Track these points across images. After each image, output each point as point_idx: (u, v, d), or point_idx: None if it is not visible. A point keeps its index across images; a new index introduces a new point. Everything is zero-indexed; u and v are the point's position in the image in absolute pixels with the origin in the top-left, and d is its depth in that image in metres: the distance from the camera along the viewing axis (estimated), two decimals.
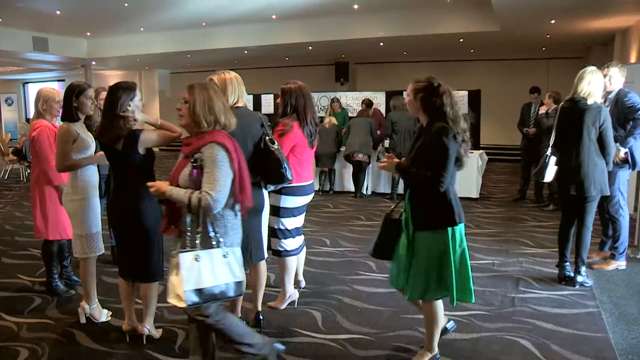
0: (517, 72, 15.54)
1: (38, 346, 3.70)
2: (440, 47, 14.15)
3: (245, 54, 14.84)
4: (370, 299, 4.49)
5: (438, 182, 2.98)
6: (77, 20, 12.62)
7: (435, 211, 3.10)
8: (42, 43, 14.05)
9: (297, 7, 11.24)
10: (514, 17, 9.79)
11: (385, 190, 9.54)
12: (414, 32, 11.91)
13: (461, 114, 3.15)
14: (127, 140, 3.32)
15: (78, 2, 10.78)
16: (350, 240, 6.47)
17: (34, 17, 12.00)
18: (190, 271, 2.70)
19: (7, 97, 23.26)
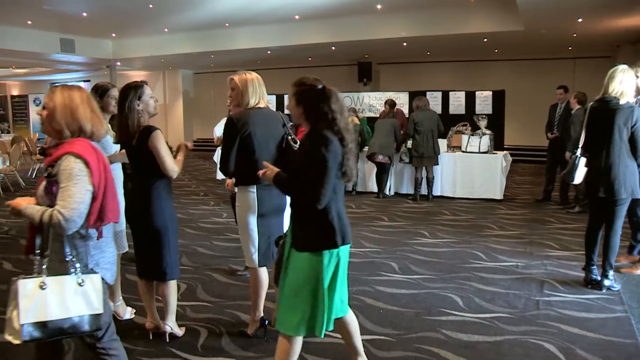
0: (542, 72, 15.32)
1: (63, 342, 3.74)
2: (463, 47, 14.03)
3: (268, 54, 14.88)
4: (392, 300, 4.47)
5: (315, 198, 2.63)
6: (103, 21, 12.80)
7: (313, 230, 2.73)
8: (69, 44, 14.27)
9: (320, 7, 11.24)
10: (539, 16, 9.65)
11: (409, 191, 9.49)
12: (437, 32, 11.82)
13: (349, 123, 2.82)
14: (141, 135, 3.35)
15: (104, 4, 10.92)
16: (372, 240, 6.44)
17: (61, 19, 12.20)
18: (31, 301, 2.25)
19: (35, 97, 23.65)
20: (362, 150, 9.49)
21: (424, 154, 8.72)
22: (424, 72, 16.67)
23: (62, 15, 11.74)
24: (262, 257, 3.60)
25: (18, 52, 13.91)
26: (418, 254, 5.86)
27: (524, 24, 10.51)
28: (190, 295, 4.62)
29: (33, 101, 23.55)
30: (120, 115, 3.39)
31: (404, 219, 7.62)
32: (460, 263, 5.49)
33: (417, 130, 8.72)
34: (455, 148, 9.34)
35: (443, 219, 7.60)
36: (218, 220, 7.50)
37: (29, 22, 12.57)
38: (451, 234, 6.71)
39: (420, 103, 9.01)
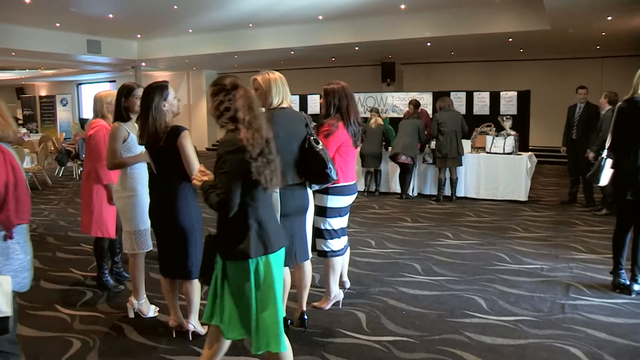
0: (569, 72, 15.08)
1: (89, 338, 3.82)
2: (488, 47, 13.89)
3: (291, 54, 14.91)
4: (415, 301, 4.45)
5: (221, 206, 2.53)
6: (129, 23, 12.96)
7: (231, 238, 2.63)
8: (95, 46, 14.49)
9: (343, 8, 11.22)
10: (566, 14, 9.51)
11: (432, 192, 9.44)
12: (461, 32, 11.72)
13: (263, 123, 2.66)
14: (169, 135, 3.37)
15: (130, 5, 11.06)
16: (395, 241, 6.42)
17: (88, 21, 12.39)
18: None
19: (62, 97, 24.05)
20: (386, 150, 9.46)
21: (448, 154, 8.66)
22: (448, 73, 16.54)
23: (89, 17, 11.92)
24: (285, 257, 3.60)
25: (47, 54, 14.19)
26: (441, 255, 5.82)
27: (550, 23, 10.36)
28: None
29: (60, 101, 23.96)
30: (147, 117, 3.39)
31: (427, 220, 7.58)
32: (484, 265, 5.44)
33: (441, 130, 8.66)
34: (479, 149, 9.25)
35: (466, 220, 7.54)
36: None
37: (57, 25, 12.80)
38: (475, 236, 6.65)
39: (444, 103, 8.96)
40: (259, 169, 2.53)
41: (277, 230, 2.72)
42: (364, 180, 9.64)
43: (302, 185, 3.62)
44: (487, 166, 9.02)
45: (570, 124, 8.48)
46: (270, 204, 2.78)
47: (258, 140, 2.56)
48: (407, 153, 8.86)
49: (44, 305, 4.48)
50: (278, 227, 2.76)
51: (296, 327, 3.84)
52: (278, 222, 2.83)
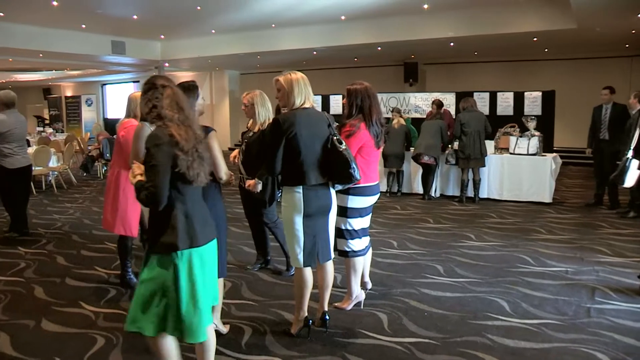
0: (595, 72, 14.82)
1: (112, 335, 3.86)
2: (512, 47, 13.73)
3: (313, 54, 14.92)
4: (437, 303, 4.41)
5: (149, 198, 2.57)
6: (152, 24, 13.10)
7: (158, 231, 2.66)
8: (120, 46, 14.67)
9: (366, 8, 11.19)
10: (593, 13, 9.34)
11: (454, 193, 9.37)
12: (485, 32, 11.60)
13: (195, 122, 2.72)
14: None
15: (154, 7, 11.17)
16: (417, 242, 6.38)
17: (113, 22, 12.55)
18: None
19: (87, 98, 24.43)
20: (408, 150, 9.41)
21: (471, 155, 8.58)
22: (471, 73, 16.40)
23: (114, 19, 12.08)
24: (307, 257, 3.62)
25: (73, 55, 14.41)
26: (464, 256, 5.77)
27: (576, 22, 10.20)
28: (235, 294, 4.67)
29: (85, 102, 24.34)
30: None
31: (450, 221, 7.52)
32: (507, 267, 5.38)
33: (464, 131, 8.59)
34: (502, 150, 9.16)
35: (489, 222, 7.46)
36: None
37: (83, 26, 12.99)
38: (498, 237, 6.58)
39: (467, 104, 8.88)
40: (187, 162, 2.60)
41: (205, 224, 2.76)
42: (386, 180, 9.60)
43: (325, 185, 3.63)
44: (510, 167, 8.92)
45: (596, 125, 8.35)
46: (199, 199, 2.79)
47: (191, 136, 2.64)
48: (430, 153, 8.81)
49: (69, 302, 4.55)
50: (206, 221, 2.79)
51: (317, 327, 3.83)
52: (207, 216, 2.83)
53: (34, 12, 11.18)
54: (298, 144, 3.47)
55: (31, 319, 4.19)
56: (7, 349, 3.69)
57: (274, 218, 5.13)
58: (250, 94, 4.86)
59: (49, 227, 7.46)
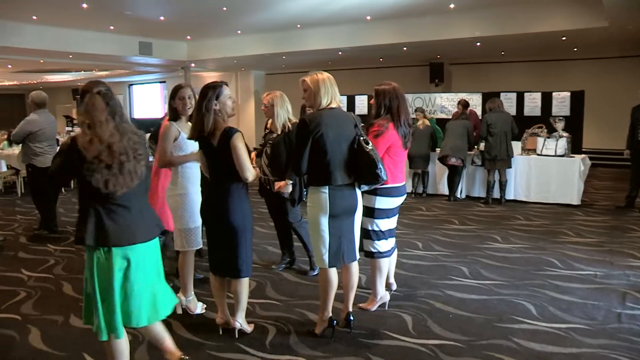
0: (626, 71, 14.50)
1: (138, 332, 3.89)
2: (540, 47, 13.52)
3: (339, 55, 14.90)
4: (462, 305, 4.37)
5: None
6: (179, 25, 13.22)
7: (78, 226, 2.80)
8: (147, 47, 14.85)
9: (391, 8, 11.13)
10: (626, 10, 9.09)
11: (480, 194, 9.27)
12: (512, 31, 11.44)
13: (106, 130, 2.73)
14: (222, 136, 3.41)
15: (180, 8, 11.27)
16: (443, 244, 6.33)
17: (140, 23, 12.70)
18: None
19: None
20: (434, 151, 9.35)
21: (497, 156, 8.48)
22: (497, 73, 16.22)
23: (141, 20, 12.22)
24: (332, 258, 3.61)
25: (101, 56, 14.61)
26: (489, 258, 5.71)
27: (608, 20, 9.99)
28: (259, 293, 4.69)
29: None
30: (197, 114, 3.48)
31: (476, 223, 7.45)
32: (534, 270, 5.30)
33: (490, 132, 8.49)
34: (529, 151, 9.04)
35: (516, 224, 7.37)
36: None
37: (112, 27, 13.18)
38: (524, 240, 6.49)
39: (494, 104, 8.78)
40: (91, 172, 2.68)
41: (125, 227, 2.78)
42: (411, 181, 9.55)
43: (351, 186, 3.62)
44: (538, 168, 8.80)
45: (635, 126, 8.16)
46: (126, 202, 2.80)
47: (96, 146, 2.68)
48: (457, 155, 8.74)
49: None
50: (128, 224, 2.80)
51: (342, 327, 3.83)
52: (132, 221, 2.83)
53: (64, 14, 11.40)
54: (325, 144, 3.47)
55: (60, 314, 4.27)
56: (37, 343, 3.76)
57: (298, 218, 5.14)
58: (270, 95, 4.87)
59: None
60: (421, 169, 9.44)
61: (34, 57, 14.77)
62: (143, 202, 2.94)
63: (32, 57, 14.75)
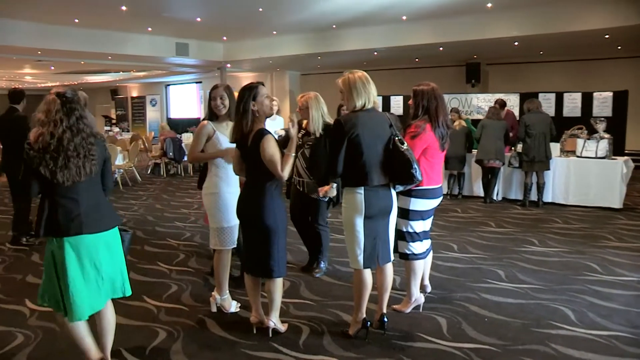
0: None
1: (174, 329, 3.96)
2: (581, 45, 13.20)
3: (374, 55, 14.85)
4: (498, 309, 4.29)
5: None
6: (215, 26, 13.37)
7: (37, 217, 3.05)
8: (184, 48, 15.08)
9: (427, 8, 11.04)
10: None
11: (517, 196, 9.10)
12: (552, 30, 11.20)
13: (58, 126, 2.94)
14: (255, 137, 3.43)
15: (217, 9, 11.40)
16: (478, 246, 6.24)
17: (177, 25, 12.90)
18: None
19: (152, 98, 25.21)
20: (470, 152, 9.23)
21: (535, 158, 8.31)
22: (536, 73, 15.92)
23: (178, 21, 12.41)
24: (367, 259, 3.59)
25: (139, 57, 14.92)
26: (526, 262, 5.60)
27: None
28: (293, 293, 4.70)
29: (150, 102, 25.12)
30: (236, 115, 3.52)
31: (512, 225, 7.31)
32: (573, 274, 5.17)
33: (529, 133, 8.32)
34: (568, 152, 8.83)
35: (554, 227, 7.21)
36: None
37: (149, 29, 13.42)
38: (563, 243, 6.35)
39: (533, 105, 8.61)
40: (38, 161, 2.91)
41: (74, 219, 2.99)
42: (447, 183, 9.44)
43: (386, 186, 3.60)
44: (577, 171, 8.59)
45: None
46: (76, 194, 3.00)
47: (45, 138, 2.91)
48: (498, 157, 8.61)
49: (133, 295, 4.64)
50: (77, 216, 2.99)
51: (375, 329, 3.80)
52: (82, 213, 3.01)
53: (104, 17, 11.68)
54: (360, 145, 3.46)
55: None
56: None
57: (326, 221, 5.18)
58: (305, 97, 4.87)
59: None
60: (457, 171, 9.32)
61: (75, 59, 15.19)
62: (98, 197, 3.14)
63: (74, 59, 15.18)
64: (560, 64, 15.71)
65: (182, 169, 13.63)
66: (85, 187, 3.04)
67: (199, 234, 6.90)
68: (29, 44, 12.30)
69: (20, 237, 6.55)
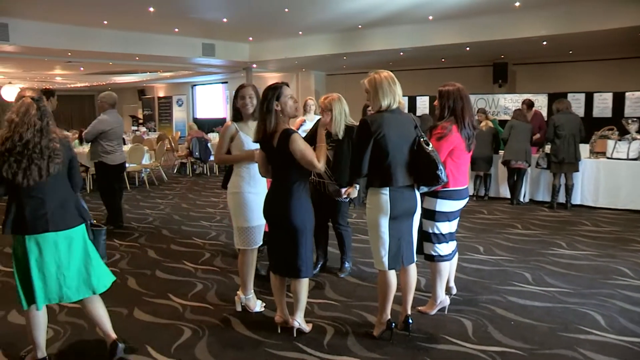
0: None
1: (199, 328, 3.99)
2: (613, 44, 12.90)
3: (400, 55, 14.77)
4: (524, 312, 4.23)
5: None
6: (241, 26, 13.44)
7: (4, 215, 3.18)
8: (210, 49, 15.19)
9: (454, 7, 10.93)
10: None
11: (544, 198, 8.96)
12: (582, 29, 10.96)
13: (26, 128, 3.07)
14: (281, 137, 3.44)
15: (243, 10, 11.44)
16: (505, 248, 6.16)
17: (204, 25, 13.00)
18: None
19: (178, 98, 25.48)
20: (497, 153, 9.11)
21: (565, 159, 8.17)
22: (564, 72, 15.64)
23: (205, 22, 12.50)
24: (391, 260, 3.57)
25: (166, 57, 15.07)
26: (554, 265, 5.51)
27: None
28: (318, 293, 4.70)
29: (176, 102, 25.40)
30: (259, 115, 3.54)
31: (539, 228, 7.21)
32: (602, 278, 5.07)
33: (558, 134, 8.19)
34: (598, 154, 8.67)
35: (583, 230, 7.08)
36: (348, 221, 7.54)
37: (176, 30, 13.55)
38: (592, 246, 6.23)
39: (562, 105, 8.45)
40: (1, 163, 3.05)
41: (40, 217, 3.13)
42: (473, 184, 9.35)
43: (411, 187, 3.58)
44: (607, 172, 8.43)
45: None
46: (39, 194, 3.13)
47: (11, 141, 3.04)
48: (524, 158, 8.50)
49: (158, 293, 4.74)
50: (42, 214, 3.13)
51: (400, 330, 3.78)
52: (47, 211, 3.15)
53: (132, 18, 11.82)
54: (386, 146, 3.44)
55: (125, 307, 4.41)
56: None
57: (347, 220, 5.19)
58: (328, 98, 4.86)
59: (141, 221, 7.83)
60: (483, 172, 9.23)
61: (104, 60, 15.41)
62: (65, 195, 3.27)
63: (102, 60, 15.39)
64: (591, 63, 15.40)
65: (207, 169, 13.75)
66: (52, 187, 3.19)
67: (224, 233, 6.94)
68: (60, 46, 12.53)
69: None
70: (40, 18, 11.47)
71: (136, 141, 14.06)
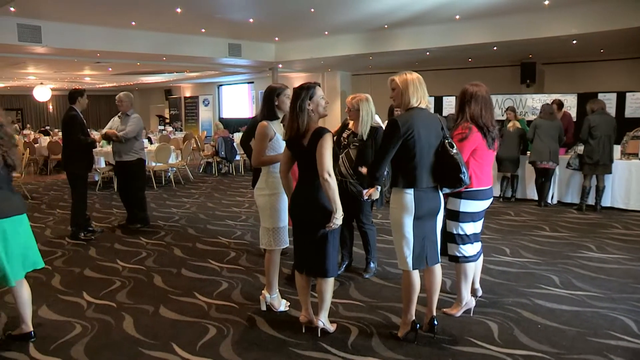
0: None
1: (224, 326, 4.01)
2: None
3: (426, 55, 14.69)
4: (551, 316, 4.16)
5: None
6: (267, 27, 13.50)
7: None
8: (236, 49, 15.29)
9: (481, 6, 10.82)
10: None
11: (573, 200, 8.80)
12: (614, 27, 10.71)
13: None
14: (312, 137, 3.43)
15: (269, 10, 11.50)
16: (532, 251, 6.07)
17: (230, 26, 13.10)
18: None
19: (204, 98, 25.70)
20: (524, 154, 8.98)
21: (599, 161, 7.99)
22: (595, 72, 15.36)
23: (231, 22, 12.60)
24: (416, 260, 3.55)
25: (192, 58, 15.23)
26: (583, 268, 5.41)
27: None
28: (343, 293, 4.69)
29: (202, 102, 25.61)
30: (291, 115, 3.51)
31: (568, 230, 7.08)
32: (634, 283, 4.96)
33: (592, 135, 8.00)
34: (630, 155, 8.48)
35: (613, 233, 6.94)
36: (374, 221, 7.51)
37: (203, 30, 13.68)
38: (623, 250, 6.10)
39: (597, 106, 8.23)
40: None
41: (8, 202, 3.58)
42: (499, 185, 9.23)
43: (434, 187, 3.55)
44: (639, 174, 8.24)
45: None
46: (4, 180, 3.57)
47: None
48: (551, 158, 8.36)
49: (184, 291, 4.79)
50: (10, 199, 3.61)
51: (425, 331, 3.75)
52: (4, 199, 3.56)
53: (160, 19, 11.98)
54: (414, 146, 3.42)
55: (151, 305, 4.46)
56: (131, 330, 3.96)
57: (371, 220, 5.17)
58: (356, 98, 4.85)
59: (167, 220, 7.91)
60: (510, 173, 9.11)
61: (132, 60, 15.63)
62: (12, 186, 3.74)
63: (130, 60, 15.62)
64: (622, 62, 15.09)
65: (233, 168, 13.84)
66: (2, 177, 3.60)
67: (249, 233, 6.98)
68: (90, 47, 12.76)
69: (78, 232, 6.79)
70: (71, 20, 11.71)
71: (163, 140, 14.22)
